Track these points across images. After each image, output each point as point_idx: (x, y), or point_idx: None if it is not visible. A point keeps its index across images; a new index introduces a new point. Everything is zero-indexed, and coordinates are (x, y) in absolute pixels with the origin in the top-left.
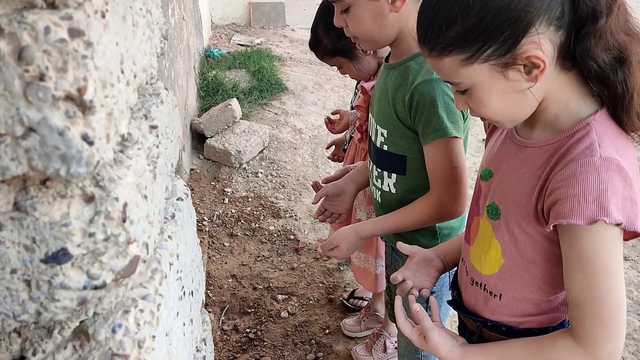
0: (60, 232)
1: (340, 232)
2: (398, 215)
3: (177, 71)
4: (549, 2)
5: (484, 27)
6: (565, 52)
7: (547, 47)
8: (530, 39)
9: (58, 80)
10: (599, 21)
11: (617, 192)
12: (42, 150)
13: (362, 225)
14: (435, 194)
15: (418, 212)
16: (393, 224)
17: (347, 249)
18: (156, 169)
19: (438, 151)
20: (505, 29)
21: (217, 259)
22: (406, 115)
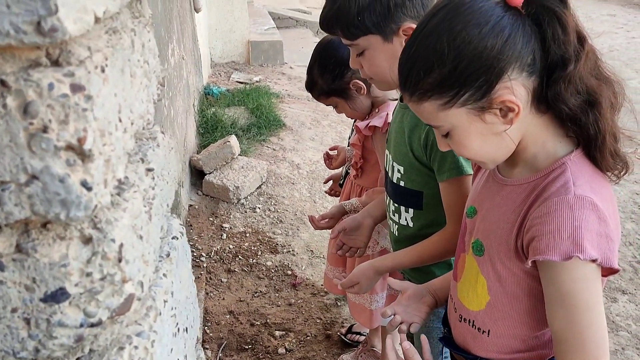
0: (59, 272)
1: (359, 268)
2: (416, 250)
3: (177, 109)
4: (520, 50)
5: (459, 74)
6: (539, 96)
7: (520, 91)
8: (503, 84)
9: (60, 131)
10: (568, 67)
11: (591, 229)
12: (43, 196)
13: (380, 261)
14: (452, 228)
15: (435, 247)
16: (411, 258)
17: (367, 285)
18: (152, 210)
19: (454, 188)
20: (479, 75)
21: (214, 295)
22: (422, 154)
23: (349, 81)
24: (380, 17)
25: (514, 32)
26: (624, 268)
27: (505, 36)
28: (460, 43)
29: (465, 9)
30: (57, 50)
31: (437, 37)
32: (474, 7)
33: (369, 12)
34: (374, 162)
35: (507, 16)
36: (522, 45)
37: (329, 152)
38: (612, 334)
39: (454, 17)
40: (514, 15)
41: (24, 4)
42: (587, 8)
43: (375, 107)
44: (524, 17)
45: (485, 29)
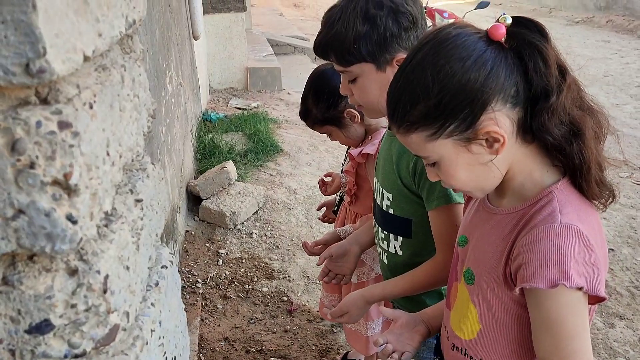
0: (44, 304)
1: (349, 298)
2: (406, 280)
3: (174, 136)
4: (503, 82)
5: (444, 106)
6: (524, 126)
7: (505, 122)
8: (488, 115)
9: (46, 167)
10: (551, 98)
11: (577, 257)
12: (29, 230)
13: (370, 290)
14: (441, 257)
15: (425, 276)
16: (402, 287)
17: (357, 315)
18: (140, 241)
19: (443, 217)
20: (463, 107)
21: (210, 321)
22: (410, 182)
23: (343, 110)
24: (376, 46)
25: (496, 65)
26: (621, 293)
27: (488, 69)
28: (444, 76)
29: (448, 44)
30: (46, 89)
31: (422, 70)
32: (457, 42)
33: (365, 40)
34: (367, 188)
35: (490, 50)
36: (505, 78)
37: (323, 179)
38: None
39: (438, 52)
40: (496, 49)
41: (13, 46)
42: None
43: (369, 135)
44: (507, 51)
45: (468, 62)
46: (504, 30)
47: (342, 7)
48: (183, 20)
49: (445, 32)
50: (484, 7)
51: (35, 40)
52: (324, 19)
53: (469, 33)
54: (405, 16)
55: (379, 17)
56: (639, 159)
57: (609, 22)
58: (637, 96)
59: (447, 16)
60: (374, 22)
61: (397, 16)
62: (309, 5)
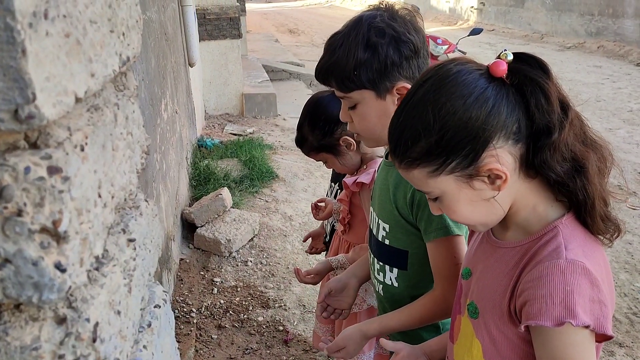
0: (30, 355)
1: (346, 332)
2: (403, 313)
3: (169, 163)
4: (505, 119)
5: (445, 143)
6: (527, 161)
7: (507, 159)
8: (489, 153)
9: (35, 214)
10: (553, 135)
11: (583, 295)
12: (16, 280)
13: (367, 325)
14: (440, 290)
15: (423, 310)
16: (398, 322)
17: (354, 350)
18: (132, 282)
19: (441, 249)
20: (465, 145)
21: (204, 352)
22: (408, 213)
23: (338, 137)
24: (377, 73)
25: (498, 102)
26: (620, 320)
27: (490, 106)
28: (446, 114)
29: (449, 81)
30: (35, 133)
31: (423, 107)
32: (458, 79)
33: (366, 67)
34: (361, 217)
35: (491, 87)
36: (507, 115)
37: (317, 203)
38: None
39: (440, 89)
40: (497, 86)
41: (1, 92)
42: (574, 59)
43: (364, 163)
44: (508, 87)
45: (470, 100)
46: (505, 67)
47: (344, 34)
48: (179, 47)
49: (446, 68)
50: (477, 33)
51: (25, 85)
52: (326, 45)
53: (470, 70)
54: (407, 45)
55: (380, 45)
56: (633, 184)
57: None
58: (630, 120)
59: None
60: (375, 49)
61: (399, 45)
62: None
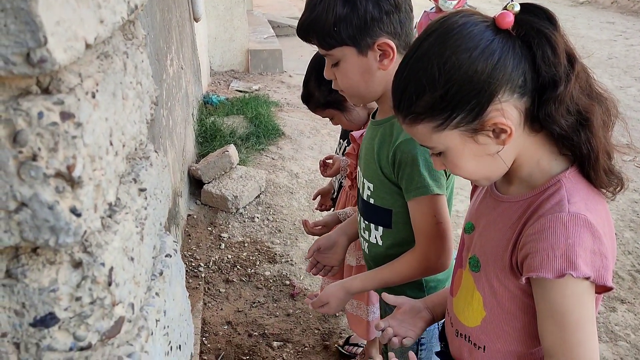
0: (48, 297)
1: (329, 289)
2: (385, 271)
3: (175, 119)
4: (511, 73)
5: (451, 97)
6: (532, 116)
7: (512, 113)
8: (494, 107)
9: (49, 159)
10: (558, 88)
11: (585, 247)
12: (32, 223)
13: (350, 281)
14: (421, 249)
15: (404, 267)
16: (381, 278)
17: (337, 305)
18: (144, 230)
19: (421, 208)
20: (470, 99)
21: (212, 305)
22: (390, 172)
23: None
24: (357, 29)
25: (504, 55)
26: (623, 277)
27: (495, 59)
28: (451, 68)
29: (455, 34)
30: (47, 79)
31: (427, 61)
32: (463, 32)
33: (346, 23)
34: None
35: (497, 39)
36: (513, 68)
37: (325, 160)
38: (611, 344)
39: (444, 42)
40: (503, 38)
41: (13, 35)
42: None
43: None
44: (514, 39)
45: (475, 53)
46: (511, 19)
47: None
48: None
49: (451, 21)
50: None
51: (36, 28)
52: (306, 2)
53: (476, 22)
54: (386, 0)
55: (359, 0)
56: None
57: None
58: None
59: None
60: (354, 4)
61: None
62: None
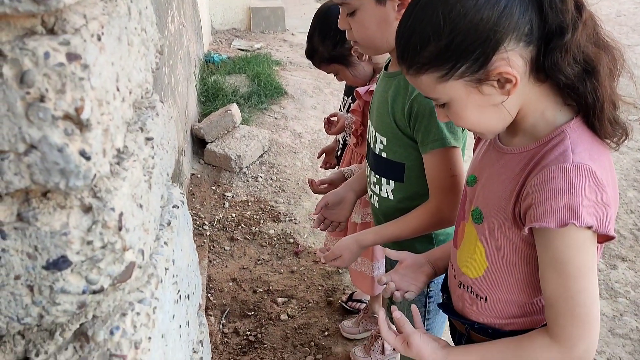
0: (60, 240)
1: (342, 242)
2: (398, 224)
3: (177, 77)
4: (517, 21)
5: (456, 47)
6: (537, 65)
7: (517, 62)
8: (500, 56)
9: (57, 101)
10: (565, 36)
11: (588, 197)
12: (42, 166)
13: (363, 235)
14: (435, 202)
15: (417, 221)
16: (393, 232)
17: (349, 259)
18: (152, 179)
19: (437, 160)
20: (475, 48)
21: (217, 262)
22: (405, 125)
23: (350, 47)
24: None
25: (510, 3)
26: (624, 235)
27: (502, 7)
28: (456, 16)
29: None
30: (52, 19)
31: (432, 10)
32: None
33: None
34: None
35: None
36: (519, 16)
37: (329, 118)
38: (611, 300)
39: None
40: None
41: None
42: None
43: (376, 74)
44: None
45: (481, 0)
46: None
47: None
48: None
49: None
50: None
51: None
52: None
53: None
54: None
55: None
56: None
57: None
58: None
59: None
60: None
61: None
62: None
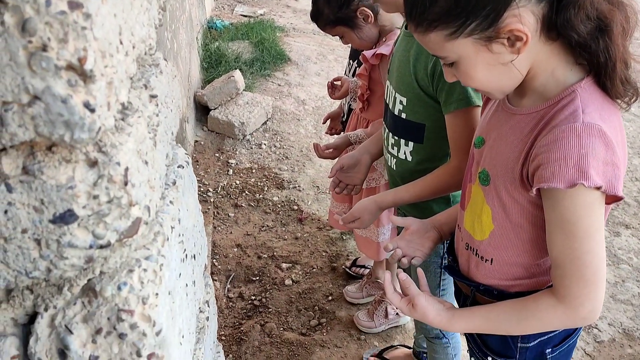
0: (66, 194)
1: (361, 204)
2: (418, 185)
3: (180, 43)
4: None
5: (466, 3)
6: (548, 22)
7: (529, 19)
8: (511, 12)
9: (59, 50)
10: None
11: (597, 157)
12: (47, 117)
13: (382, 196)
14: (456, 162)
15: (438, 181)
16: (413, 193)
17: (368, 220)
18: (156, 137)
19: (460, 120)
20: (486, 4)
21: (222, 229)
22: (428, 84)
23: (355, 9)
24: None
25: None
26: (629, 203)
27: None
28: None
29: None
30: None
31: None
32: None
33: None
34: (380, 94)
35: None
36: None
37: (333, 82)
38: (614, 267)
39: None
40: None
41: None
42: None
43: (383, 36)
44: None
45: None
46: None
47: None
48: None
49: None
50: None
51: None
52: None
53: None
54: None
55: None
56: None
57: None
58: None
59: None
60: None
61: None
62: None
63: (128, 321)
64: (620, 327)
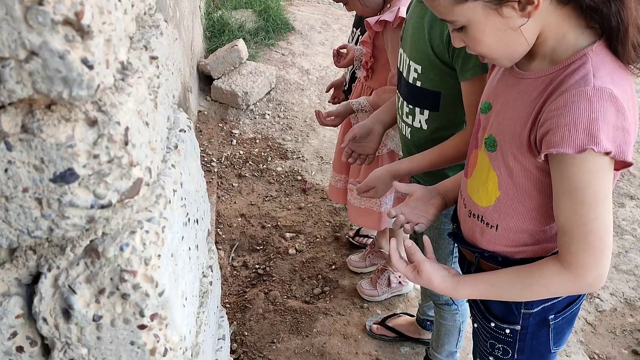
0: (66, 153)
1: (375, 173)
2: (433, 153)
3: (182, 11)
4: None
5: None
6: None
7: None
8: None
9: (56, 4)
10: None
11: (608, 122)
12: (44, 74)
13: (396, 165)
14: (471, 129)
15: (453, 149)
16: (429, 161)
17: (383, 190)
18: (157, 99)
19: (477, 87)
20: None
21: (226, 199)
22: (444, 51)
23: None
24: None
25: None
26: (634, 174)
27: None
28: None
29: None
30: None
31: None
32: None
33: None
34: (384, 61)
35: None
36: None
37: (338, 50)
38: (617, 237)
39: None
40: None
41: None
42: None
43: (387, 3)
44: None
45: None
46: None
47: None
48: None
49: None
50: None
51: None
52: None
53: None
54: None
55: None
56: None
57: None
58: None
59: None
60: None
61: None
62: None
63: (130, 281)
64: (622, 296)
